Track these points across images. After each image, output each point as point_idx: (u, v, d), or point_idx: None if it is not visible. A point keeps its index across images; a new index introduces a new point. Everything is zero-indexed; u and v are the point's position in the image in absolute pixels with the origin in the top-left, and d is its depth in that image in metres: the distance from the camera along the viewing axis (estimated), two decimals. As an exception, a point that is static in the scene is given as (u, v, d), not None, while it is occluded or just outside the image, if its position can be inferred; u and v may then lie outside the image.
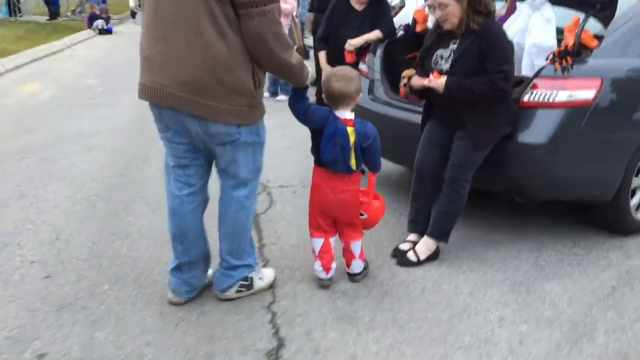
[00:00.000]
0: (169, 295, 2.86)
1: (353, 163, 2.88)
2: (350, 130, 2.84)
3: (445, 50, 3.28)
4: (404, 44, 4.46)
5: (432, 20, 3.75)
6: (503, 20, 4.06)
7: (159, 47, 2.47)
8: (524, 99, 3.39)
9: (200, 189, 2.79)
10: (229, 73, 2.45)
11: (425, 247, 3.39)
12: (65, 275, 3.08)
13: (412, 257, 3.37)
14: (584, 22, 3.45)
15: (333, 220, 3.05)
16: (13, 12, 18.55)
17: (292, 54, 2.56)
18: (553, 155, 3.38)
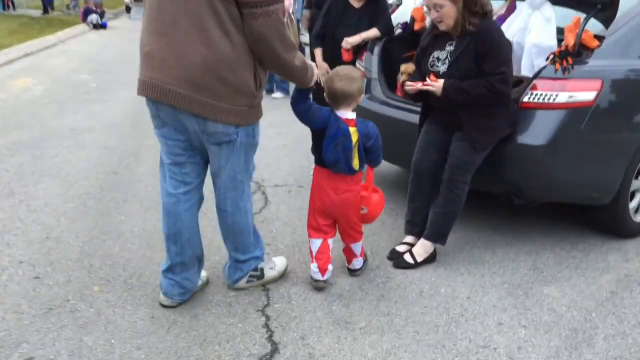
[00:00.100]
0: (161, 298, 2.80)
1: (356, 163, 2.86)
2: (353, 130, 2.82)
3: (442, 52, 3.23)
4: (402, 43, 4.41)
5: (429, 20, 3.69)
6: (503, 20, 4.01)
7: (160, 43, 2.43)
8: (524, 100, 3.33)
9: (196, 188, 2.75)
10: (232, 72, 2.42)
11: (423, 249, 3.34)
12: (55, 276, 3.01)
13: (409, 259, 3.32)
14: (585, 22, 3.39)
15: (333, 221, 3.02)
16: (7, 5, 18.41)
17: (295, 56, 2.54)
18: (552, 157, 3.33)
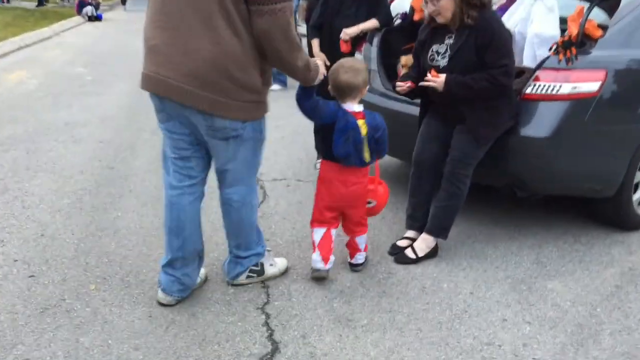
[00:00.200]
0: (159, 295, 2.74)
1: (367, 155, 2.85)
2: (361, 123, 2.81)
3: (441, 46, 3.16)
4: (402, 33, 4.32)
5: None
6: (504, 9, 3.94)
7: (166, 38, 2.41)
8: (527, 91, 3.28)
9: (201, 182, 2.73)
10: (240, 70, 2.41)
11: (424, 243, 3.29)
12: (50, 275, 2.95)
13: (410, 254, 3.26)
14: (589, 11, 3.33)
15: (338, 214, 3.01)
16: (0, -2, 18.25)
17: (298, 56, 2.53)
18: (556, 149, 3.28)
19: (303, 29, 7.45)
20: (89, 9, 15.86)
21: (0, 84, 7.62)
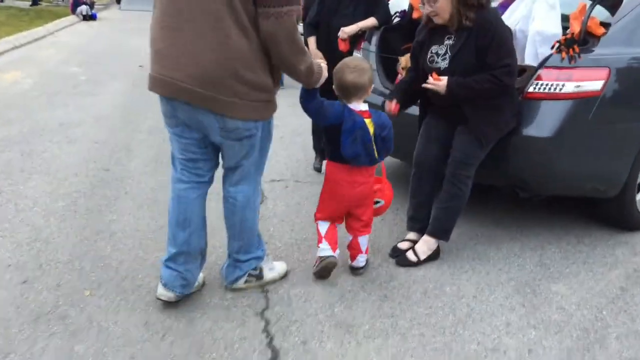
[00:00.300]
0: (160, 291, 2.66)
1: (376, 154, 2.84)
2: (368, 122, 2.80)
3: (441, 47, 3.10)
4: (400, 32, 4.27)
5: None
6: (505, 7, 3.87)
7: (174, 39, 2.38)
8: (529, 90, 3.22)
9: (209, 180, 2.73)
10: (250, 70, 2.39)
11: (426, 246, 3.23)
12: (44, 280, 2.88)
13: (411, 256, 3.21)
14: (591, 8, 3.27)
15: (345, 213, 3.01)
16: (-6, -3, 18.11)
17: (302, 60, 2.50)
18: (559, 149, 3.23)
19: (300, 28, 7.38)
20: (84, 8, 15.73)
21: (-6, 84, 7.53)
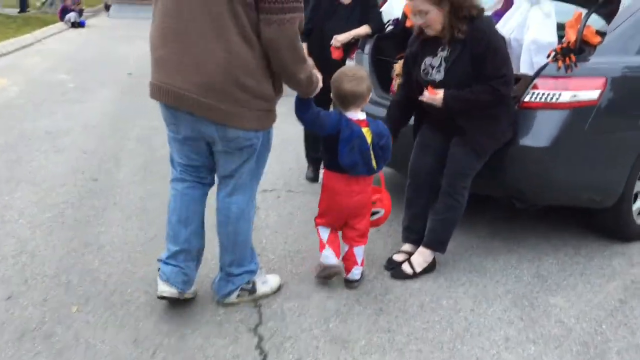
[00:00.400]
0: (162, 288, 2.61)
1: (374, 163, 2.80)
2: (366, 131, 2.76)
3: (435, 58, 3.06)
4: (394, 40, 4.23)
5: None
6: (500, 15, 3.85)
7: (174, 46, 2.35)
8: (525, 99, 3.18)
9: (211, 181, 2.75)
10: (252, 78, 2.37)
11: (422, 258, 3.17)
12: (30, 295, 2.79)
13: (407, 269, 3.15)
14: (587, 17, 3.24)
15: (343, 222, 2.97)
16: (-19, 4, 17.92)
17: (302, 68, 2.48)
18: (555, 159, 3.18)
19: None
20: (72, 15, 15.59)
21: (-20, 92, 7.41)
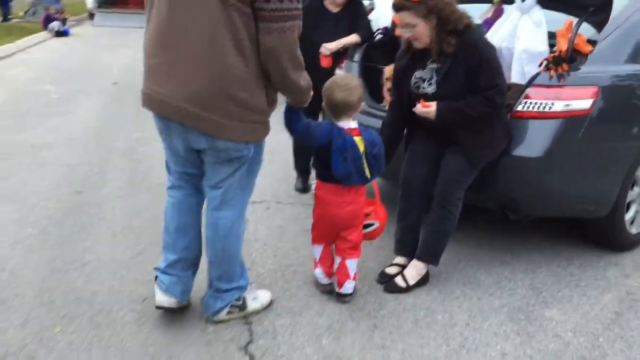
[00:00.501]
0: (160, 299, 2.61)
1: (367, 172, 2.77)
2: (358, 140, 2.73)
3: (425, 72, 3.02)
4: (383, 49, 4.19)
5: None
6: (490, 24, 3.82)
7: (168, 55, 2.32)
8: (518, 109, 3.14)
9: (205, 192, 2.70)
10: (244, 91, 2.33)
11: (415, 271, 3.11)
12: (10, 317, 2.69)
13: (400, 282, 3.08)
14: (578, 25, 3.22)
15: (336, 234, 2.93)
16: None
17: (302, 76, 2.44)
18: (549, 169, 3.14)
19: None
20: (56, 24, 15.42)
21: (-39, 104, 7.26)
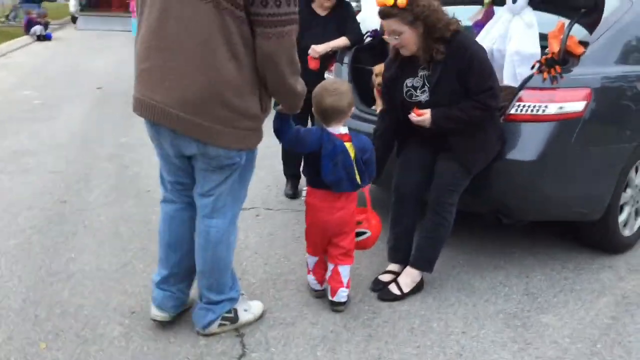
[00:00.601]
0: (154, 312, 2.64)
1: (358, 179, 2.73)
2: (349, 146, 2.69)
3: (416, 79, 2.97)
4: (373, 52, 4.14)
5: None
6: (480, 26, 3.78)
7: (160, 60, 2.27)
8: (511, 112, 3.10)
9: None
10: (237, 96, 2.27)
11: (409, 278, 3.06)
12: (-7, 333, 2.60)
13: (394, 290, 3.03)
14: (570, 27, 3.19)
15: (328, 242, 2.88)
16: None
17: (298, 81, 2.39)
18: (542, 173, 3.12)
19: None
20: (38, 28, 15.22)
21: (-59, 110, 7.11)
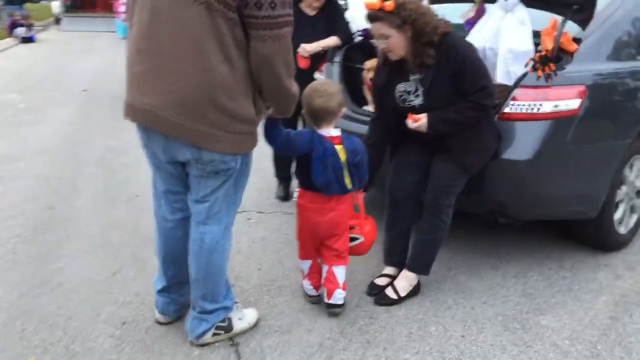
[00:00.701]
0: (157, 316, 2.75)
1: (348, 182, 2.71)
2: (340, 148, 2.67)
3: (408, 84, 2.92)
4: (363, 51, 4.09)
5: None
6: (472, 24, 3.73)
7: (152, 63, 2.22)
8: (505, 111, 3.06)
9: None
10: (230, 99, 2.22)
11: (406, 281, 3.01)
12: (-21, 348, 2.52)
13: (391, 294, 2.98)
14: (563, 24, 3.15)
15: (320, 245, 2.84)
16: None
17: (293, 83, 2.34)
18: (538, 172, 3.07)
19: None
20: (22, 30, 15.02)
21: None
